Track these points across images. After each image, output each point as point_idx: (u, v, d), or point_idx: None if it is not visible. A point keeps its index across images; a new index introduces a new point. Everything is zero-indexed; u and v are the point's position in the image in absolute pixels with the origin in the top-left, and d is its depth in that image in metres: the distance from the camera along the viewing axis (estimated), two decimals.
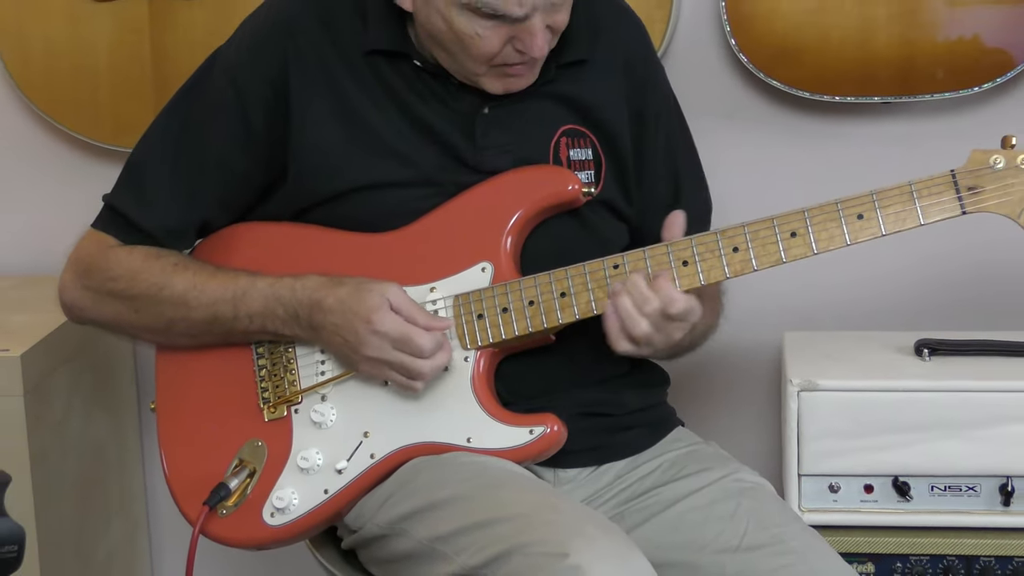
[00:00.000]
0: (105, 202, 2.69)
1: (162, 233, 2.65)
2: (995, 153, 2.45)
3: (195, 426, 2.66)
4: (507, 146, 2.61)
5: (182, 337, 2.65)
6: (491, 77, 2.53)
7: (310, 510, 2.56)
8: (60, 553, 3.31)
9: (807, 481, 3.10)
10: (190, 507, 2.60)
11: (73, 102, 3.46)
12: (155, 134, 2.69)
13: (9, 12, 3.41)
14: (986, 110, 3.42)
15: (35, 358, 3.19)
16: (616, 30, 2.73)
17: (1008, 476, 3.04)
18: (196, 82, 2.69)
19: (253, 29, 2.68)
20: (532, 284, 2.52)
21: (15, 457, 3.12)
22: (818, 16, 3.26)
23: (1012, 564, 3.06)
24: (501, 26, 2.44)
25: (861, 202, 2.46)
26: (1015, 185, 2.44)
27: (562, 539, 2.24)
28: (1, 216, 3.69)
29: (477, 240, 2.57)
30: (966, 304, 3.27)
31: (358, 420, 2.57)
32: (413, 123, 2.60)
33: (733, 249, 2.47)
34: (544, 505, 2.39)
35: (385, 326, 2.46)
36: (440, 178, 2.60)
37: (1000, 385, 3.04)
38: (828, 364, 3.14)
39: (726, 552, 2.46)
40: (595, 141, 2.66)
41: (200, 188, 2.65)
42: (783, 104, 3.47)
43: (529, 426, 2.52)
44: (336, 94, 2.60)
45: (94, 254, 2.66)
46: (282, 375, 2.61)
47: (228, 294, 2.57)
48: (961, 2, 3.23)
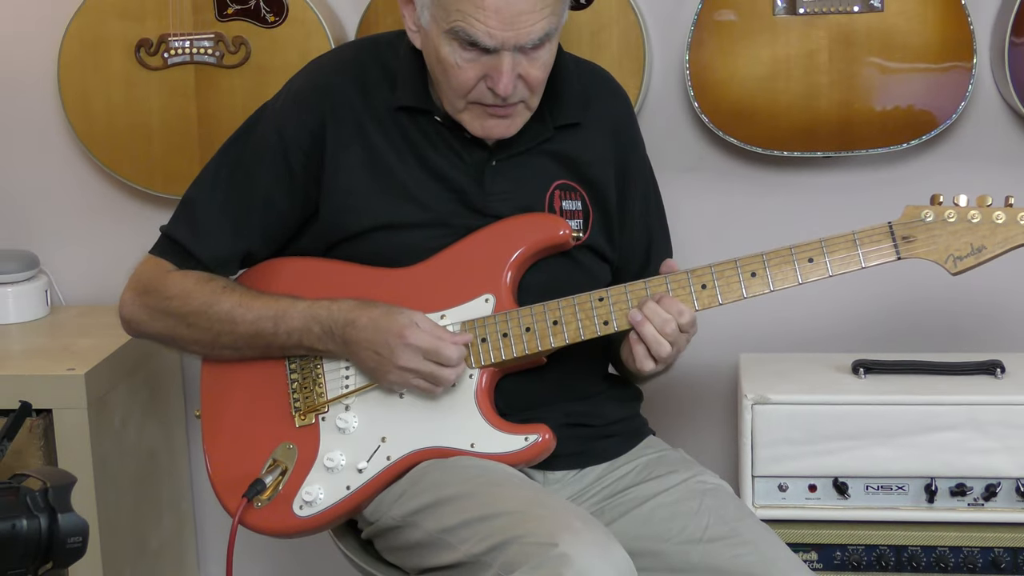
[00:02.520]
0: (163, 232, 2.69)
1: (212, 261, 2.65)
2: (925, 208, 2.49)
3: (234, 430, 2.66)
4: (510, 194, 2.62)
5: (226, 350, 2.64)
6: (471, 115, 2.54)
7: (334, 503, 2.57)
8: (118, 544, 3.30)
9: (759, 481, 3.11)
10: (230, 500, 2.61)
11: (129, 156, 3.44)
12: (208, 175, 2.69)
13: (76, 79, 3.39)
14: (913, 163, 3.43)
15: (97, 376, 3.19)
16: (605, 99, 2.75)
17: (932, 477, 3.06)
18: (245, 131, 2.69)
19: (299, 88, 2.68)
20: (529, 313, 2.54)
21: (80, 461, 3.13)
22: (769, 83, 3.25)
23: (935, 553, 3.08)
24: (477, 60, 2.44)
25: (811, 248, 2.49)
26: (941, 236, 2.48)
27: (552, 531, 2.26)
28: (68, 254, 3.67)
29: (482, 275, 2.58)
30: (896, 330, 3.26)
31: (376, 427, 2.58)
32: (430, 172, 2.61)
33: (702, 286, 2.50)
34: (536, 502, 2.40)
35: (418, 340, 2.47)
36: (452, 221, 2.61)
37: (925, 399, 3.05)
38: (778, 381, 3.14)
39: (690, 543, 2.48)
40: (584, 195, 2.67)
41: (246, 223, 2.65)
42: (739, 158, 3.46)
43: (524, 434, 2.53)
44: (366, 145, 2.61)
45: (152, 276, 2.66)
46: (311, 387, 2.62)
47: (270, 312, 2.58)
48: (891, 71, 3.22)
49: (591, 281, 2.64)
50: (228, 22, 3.34)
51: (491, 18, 2.39)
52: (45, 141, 3.65)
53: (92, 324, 3.47)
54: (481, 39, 2.41)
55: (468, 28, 2.40)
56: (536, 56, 2.47)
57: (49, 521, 1.82)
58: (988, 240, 2.48)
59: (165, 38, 3.36)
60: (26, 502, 1.82)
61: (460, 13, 2.40)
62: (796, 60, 3.24)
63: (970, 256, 2.48)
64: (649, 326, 2.45)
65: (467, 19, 2.40)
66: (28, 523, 1.81)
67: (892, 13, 3.21)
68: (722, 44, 3.27)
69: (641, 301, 2.48)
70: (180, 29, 3.35)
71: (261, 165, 2.64)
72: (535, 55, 2.47)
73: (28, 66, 3.58)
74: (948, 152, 3.43)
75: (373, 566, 2.67)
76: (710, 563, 2.46)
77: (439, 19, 2.45)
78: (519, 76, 2.47)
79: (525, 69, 2.47)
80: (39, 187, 3.69)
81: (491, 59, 2.44)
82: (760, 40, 3.25)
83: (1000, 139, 3.42)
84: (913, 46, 3.23)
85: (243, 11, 3.34)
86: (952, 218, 2.49)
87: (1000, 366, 3.15)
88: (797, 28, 3.23)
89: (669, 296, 2.47)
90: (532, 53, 2.47)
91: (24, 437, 3.10)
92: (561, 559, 2.22)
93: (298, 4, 3.31)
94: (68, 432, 3.15)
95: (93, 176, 3.63)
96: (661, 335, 2.45)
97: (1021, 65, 3.19)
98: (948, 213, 2.49)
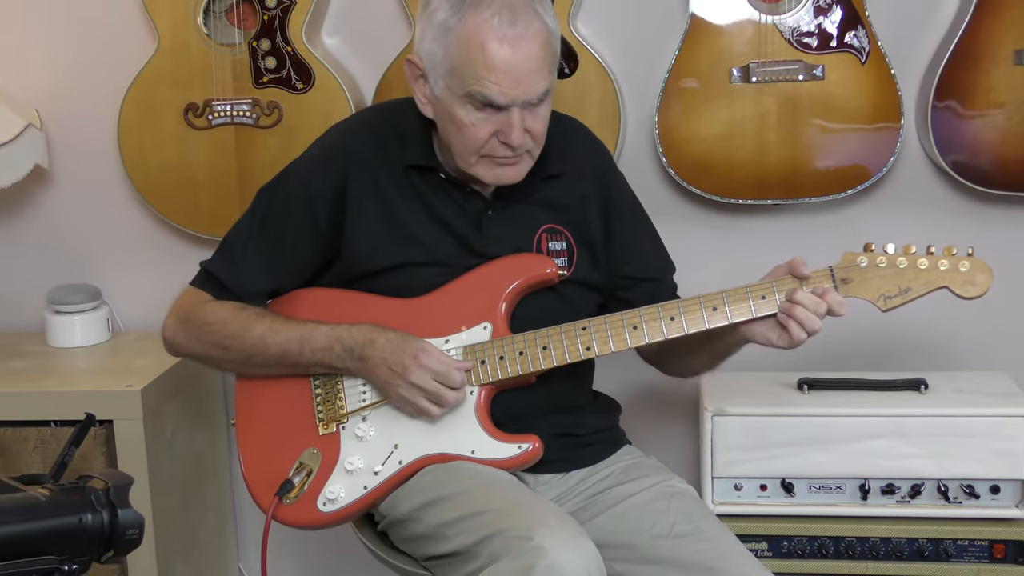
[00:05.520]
0: (203, 267, 2.69)
1: (245, 293, 2.65)
2: (860, 255, 2.51)
3: (265, 437, 2.67)
4: (504, 238, 2.63)
5: (258, 368, 2.64)
6: (483, 167, 2.54)
7: (353, 501, 2.58)
8: (169, 536, 3.31)
9: (718, 482, 3.11)
10: (263, 498, 2.61)
11: (179, 204, 3.46)
12: (244, 221, 2.69)
13: (133, 139, 3.40)
14: (850, 209, 3.43)
15: (151, 392, 3.20)
16: (584, 148, 2.77)
17: (866, 478, 3.07)
18: (276, 184, 2.69)
19: (323, 148, 2.69)
20: (522, 339, 2.55)
21: (136, 465, 3.14)
22: (726, 141, 3.26)
23: (868, 542, 3.07)
24: (489, 119, 2.46)
25: (764, 288, 2.51)
26: (874, 279, 2.50)
27: (530, 526, 2.27)
28: (127, 287, 3.68)
29: (480, 306, 2.59)
30: (835, 352, 3.24)
31: (390, 435, 2.59)
32: (435, 220, 2.62)
33: (670, 318, 2.53)
34: (518, 501, 2.42)
35: (430, 362, 2.49)
36: (454, 262, 2.62)
37: (860, 412, 3.06)
38: (734, 396, 3.15)
39: (660, 538, 2.50)
40: (568, 235, 2.68)
41: (275, 262, 2.66)
42: (700, 205, 3.47)
43: (517, 443, 2.55)
44: (380, 198, 2.62)
45: (193, 305, 2.67)
46: (333, 401, 2.62)
47: (297, 335, 2.58)
48: (831, 131, 3.23)
49: (574, 311, 2.64)
50: (263, 89, 3.35)
51: (503, 80, 2.42)
52: (108, 192, 3.66)
53: (147, 347, 3.46)
54: (495, 98, 2.43)
55: (483, 90, 2.43)
56: (538, 112, 2.50)
57: (110, 516, 1.82)
58: (913, 283, 2.50)
59: (209, 103, 3.37)
60: (91, 499, 1.82)
61: (475, 79, 2.42)
62: (749, 122, 3.25)
63: (898, 296, 2.51)
64: (801, 309, 2.47)
65: (482, 82, 2.42)
66: (92, 517, 1.80)
67: (832, 81, 3.21)
68: (686, 108, 3.27)
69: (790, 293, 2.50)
70: (222, 95, 3.37)
71: (289, 215, 2.64)
72: (537, 111, 2.50)
73: (93, 129, 3.58)
74: (880, 200, 3.44)
75: (388, 553, 2.68)
76: (676, 556, 2.46)
77: (454, 88, 2.47)
78: (525, 130, 2.49)
79: (530, 123, 2.49)
80: (103, 231, 3.70)
81: (501, 116, 2.46)
82: (719, 104, 3.25)
83: (924, 189, 3.43)
84: (849, 109, 3.23)
85: (276, 79, 3.35)
86: (883, 264, 2.51)
87: (924, 383, 3.16)
88: (750, 94, 3.23)
89: (830, 292, 2.48)
90: (535, 109, 2.49)
91: (89, 444, 3.11)
92: (537, 550, 2.23)
93: (323, 73, 3.33)
94: (126, 440, 3.16)
95: (148, 221, 3.64)
96: (817, 316, 2.47)
97: (941, 125, 3.20)
98: (879, 260, 2.51)
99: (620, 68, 3.39)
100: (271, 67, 3.35)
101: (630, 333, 2.54)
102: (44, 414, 3.17)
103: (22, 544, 1.74)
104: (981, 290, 2.52)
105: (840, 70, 3.21)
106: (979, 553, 3.06)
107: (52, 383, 3.24)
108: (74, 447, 2.02)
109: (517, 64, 2.42)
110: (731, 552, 2.48)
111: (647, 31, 3.41)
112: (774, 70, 3.21)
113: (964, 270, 2.51)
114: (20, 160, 3.40)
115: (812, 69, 3.20)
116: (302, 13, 3.31)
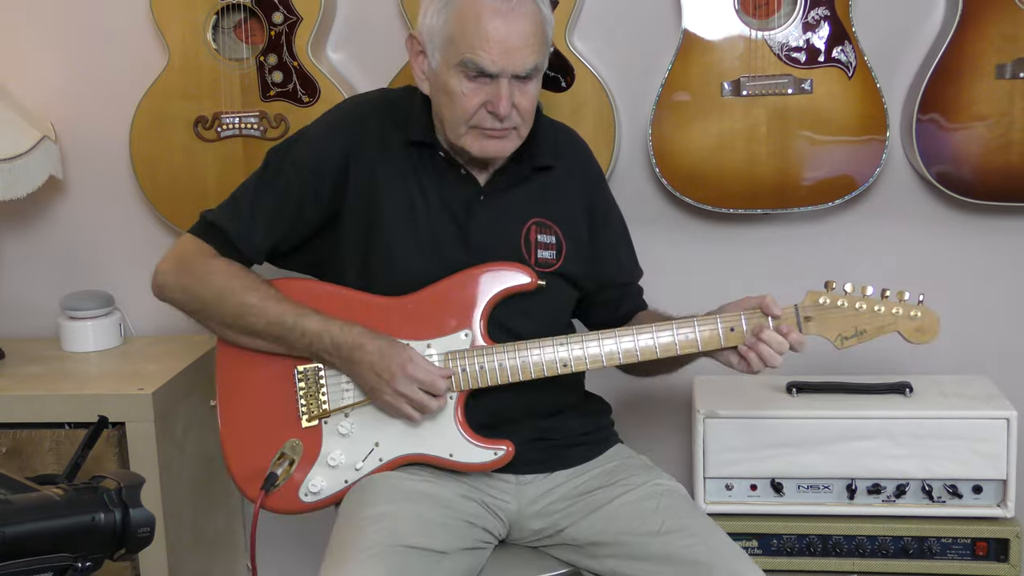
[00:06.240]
0: (207, 219, 2.68)
1: (247, 247, 2.65)
2: (822, 293, 2.54)
3: (248, 427, 2.65)
4: (493, 227, 2.65)
5: (242, 332, 2.62)
6: (471, 138, 2.56)
7: (333, 493, 2.61)
8: (180, 533, 3.32)
9: (710, 482, 3.13)
10: (248, 487, 2.62)
11: (189, 213, 3.20)
12: (252, 180, 2.69)
13: (145, 149, 3.41)
14: (838, 218, 3.44)
15: (162, 395, 3.20)
16: (575, 150, 2.80)
17: (852, 478, 3.08)
18: (286, 148, 2.69)
19: (334, 119, 2.71)
20: (503, 350, 2.57)
21: (148, 465, 3.15)
22: (717, 153, 3.26)
23: (855, 540, 3.08)
24: (480, 89, 2.50)
25: (733, 319, 2.54)
26: (834, 318, 2.54)
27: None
28: (137, 293, 3.52)
29: (461, 312, 2.60)
30: (823, 357, 3.28)
31: (371, 433, 2.61)
32: (429, 196, 2.64)
33: (644, 342, 2.56)
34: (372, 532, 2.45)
35: (417, 373, 2.50)
36: (441, 239, 2.63)
37: (847, 414, 3.08)
38: (725, 399, 3.16)
39: (650, 535, 2.50)
40: (557, 230, 2.69)
41: (278, 223, 2.65)
42: (693, 215, 3.47)
43: (493, 447, 2.58)
44: (381, 167, 2.64)
45: (195, 254, 2.65)
46: (315, 395, 2.62)
47: (293, 311, 2.56)
48: (819, 143, 3.23)
49: (556, 305, 2.69)
50: (270, 102, 3.36)
51: (494, 48, 2.46)
52: (120, 201, 3.66)
53: (158, 352, 3.48)
54: (487, 66, 2.47)
55: (475, 58, 2.47)
56: (526, 88, 2.53)
57: (122, 514, 1.81)
58: (868, 325, 2.54)
59: (218, 115, 3.37)
60: (103, 499, 1.81)
61: (469, 47, 2.47)
62: (740, 134, 3.25)
63: (853, 337, 2.56)
64: (765, 347, 2.51)
65: (475, 51, 2.47)
66: (105, 516, 1.80)
67: (820, 95, 3.21)
68: (679, 120, 3.27)
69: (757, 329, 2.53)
70: (231, 108, 3.37)
71: (296, 178, 2.65)
72: (525, 88, 2.53)
73: (106, 141, 3.59)
74: (866, 210, 3.44)
75: None
76: (666, 552, 2.47)
77: (449, 58, 2.51)
78: (513, 105, 2.51)
79: (518, 99, 2.52)
80: (115, 239, 3.71)
81: (492, 87, 2.50)
82: (710, 117, 3.26)
83: (909, 198, 3.44)
84: (837, 122, 3.24)
85: (283, 93, 3.35)
86: (843, 305, 2.54)
87: (909, 386, 3.17)
88: (741, 107, 3.24)
89: (791, 330, 2.52)
90: (523, 86, 2.52)
91: (102, 445, 3.12)
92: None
93: (328, 87, 3.34)
94: (138, 441, 3.16)
95: (159, 229, 3.64)
96: (778, 354, 2.51)
97: (925, 137, 3.21)
98: (840, 301, 2.54)
99: (615, 82, 3.39)
100: (278, 81, 3.35)
101: (606, 353, 2.57)
102: (59, 416, 3.17)
103: (37, 542, 1.74)
104: (929, 337, 2.56)
105: (828, 84, 3.21)
106: (962, 551, 3.07)
107: (66, 387, 3.24)
108: (88, 448, 2.02)
109: (509, 36, 2.47)
110: (720, 547, 2.48)
111: (641, 47, 3.42)
112: (764, 84, 3.21)
113: (914, 317, 2.55)
114: (35, 171, 3.40)
115: (801, 83, 3.21)
116: (308, 29, 3.32)
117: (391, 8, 3.42)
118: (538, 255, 2.67)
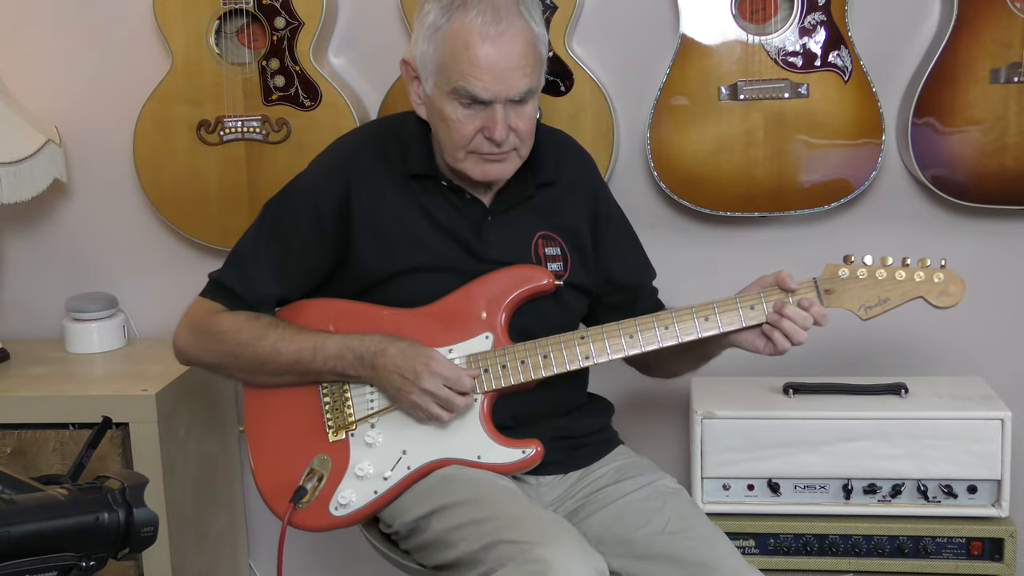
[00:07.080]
0: (213, 278, 2.68)
1: (255, 299, 2.64)
2: (841, 266, 2.53)
3: (276, 445, 2.64)
4: (503, 243, 2.63)
5: (267, 376, 2.62)
6: (471, 163, 2.54)
7: (364, 505, 2.57)
8: (183, 533, 3.32)
9: (707, 482, 3.12)
10: (277, 504, 2.59)
11: (192, 216, 3.46)
12: (252, 231, 2.68)
13: (148, 153, 3.41)
14: (834, 221, 3.43)
15: (165, 396, 3.20)
16: (574, 160, 2.77)
17: (848, 478, 3.07)
18: (282, 196, 2.69)
19: (327, 160, 2.69)
20: (523, 349, 2.56)
21: (151, 465, 3.15)
22: (715, 156, 3.26)
23: (851, 540, 3.08)
24: (475, 115, 2.47)
25: (752, 298, 2.53)
26: (855, 290, 2.52)
27: (536, 536, 2.28)
28: (141, 295, 3.67)
29: (481, 316, 2.59)
30: (819, 358, 3.26)
31: (398, 442, 2.58)
32: (438, 226, 2.62)
33: (665, 327, 2.55)
34: (524, 510, 2.41)
35: (441, 369, 2.49)
36: (458, 266, 2.61)
37: (843, 415, 3.07)
38: (723, 400, 3.15)
39: (654, 534, 2.50)
40: (562, 241, 2.68)
41: (284, 270, 2.64)
42: (691, 218, 3.47)
43: (521, 447, 2.55)
44: (385, 206, 2.61)
45: (204, 315, 2.65)
46: (341, 408, 2.61)
47: (310, 344, 2.56)
48: (815, 146, 3.23)
49: (569, 315, 2.68)
50: (273, 106, 3.36)
51: (485, 75, 2.43)
52: (123, 204, 3.66)
53: (162, 353, 3.46)
54: (479, 93, 2.44)
55: (467, 86, 2.44)
56: (522, 111, 2.50)
57: (126, 514, 1.82)
58: (891, 293, 2.52)
59: (221, 119, 3.37)
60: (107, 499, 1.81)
61: (460, 75, 2.44)
62: (737, 138, 3.25)
63: (878, 306, 2.53)
64: (788, 322, 2.50)
65: (466, 79, 2.44)
66: (109, 516, 1.80)
67: (816, 99, 3.22)
68: (677, 124, 3.28)
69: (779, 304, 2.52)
70: (233, 112, 3.37)
71: (297, 223, 2.63)
72: (521, 109, 2.50)
73: (110, 144, 3.59)
74: (862, 212, 3.44)
75: (392, 551, 2.68)
76: (670, 552, 2.47)
77: (441, 85, 2.48)
78: (510, 128, 2.49)
79: (514, 121, 2.49)
80: (118, 241, 3.70)
81: (487, 112, 2.47)
82: (708, 121, 3.26)
83: (904, 202, 3.43)
84: (833, 126, 3.23)
85: (285, 97, 3.35)
86: (863, 275, 2.53)
87: (904, 387, 3.17)
88: (738, 111, 3.24)
89: (814, 303, 2.51)
90: (519, 108, 2.49)
91: (106, 446, 3.12)
92: (543, 560, 2.23)
93: (330, 91, 3.34)
94: (141, 442, 3.16)
95: (162, 232, 3.64)
96: (802, 328, 2.50)
97: (921, 141, 3.21)
98: (860, 271, 2.53)
99: (614, 86, 3.39)
100: (280, 85, 3.35)
101: (626, 342, 2.55)
102: (63, 417, 3.17)
103: (42, 541, 1.74)
104: (955, 300, 2.54)
105: (824, 88, 3.21)
106: (957, 550, 3.07)
107: (71, 388, 3.24)
108: (92, 449, 2.02)
109: (499, 60, 2.43)
110: (722, 549, 2.48)
111: (639, 51, 3.42)
112: (761, 88, 3.21)
113: (938, 281, 2.53)
114: (40, 174, 3.41)
115: (797, 87, 3.21)
116: (309, 34, 3.32)
117: (393, 13, 3.42)
118: (548, 268, 2.66)
